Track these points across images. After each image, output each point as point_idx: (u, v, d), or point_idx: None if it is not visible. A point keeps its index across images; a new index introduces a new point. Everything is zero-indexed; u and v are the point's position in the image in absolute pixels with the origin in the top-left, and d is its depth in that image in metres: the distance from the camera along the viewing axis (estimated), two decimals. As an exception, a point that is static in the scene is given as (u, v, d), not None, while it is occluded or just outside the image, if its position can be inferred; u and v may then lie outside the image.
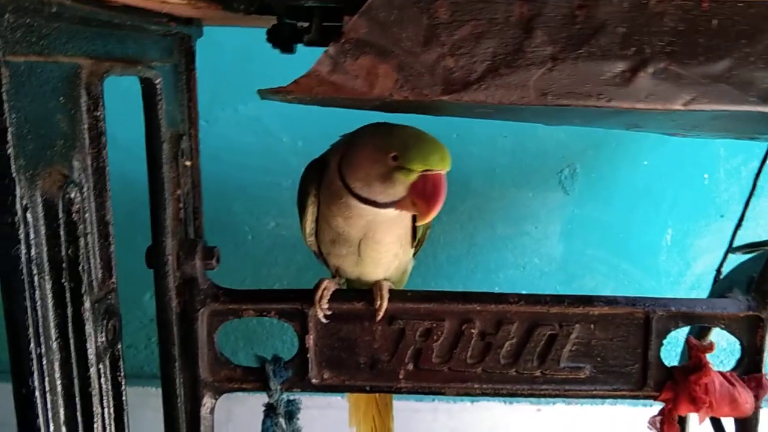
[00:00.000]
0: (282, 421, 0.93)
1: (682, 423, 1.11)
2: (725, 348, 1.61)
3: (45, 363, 0.53)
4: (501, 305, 0.90)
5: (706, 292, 1.24)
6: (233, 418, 1.59)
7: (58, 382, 0.56)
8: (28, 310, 0.51)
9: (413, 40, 0.60)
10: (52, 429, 0.55)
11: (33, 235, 0.51)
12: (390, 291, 0.90)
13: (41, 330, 0.53)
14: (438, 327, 0.90)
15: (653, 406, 0.95)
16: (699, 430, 1.03)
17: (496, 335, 0.90)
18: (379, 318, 0.90)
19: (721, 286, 1.16)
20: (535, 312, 0.90)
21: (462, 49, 0.60)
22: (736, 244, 1.23)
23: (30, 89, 0.50)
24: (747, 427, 0.94)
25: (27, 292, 0.51)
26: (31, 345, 0.52)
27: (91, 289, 0.60)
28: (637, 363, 0.91)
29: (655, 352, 0.91)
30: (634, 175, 1.60)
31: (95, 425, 0.61)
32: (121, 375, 0.67)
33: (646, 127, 0.96)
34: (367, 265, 0.92)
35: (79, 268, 0.57)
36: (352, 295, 0.92)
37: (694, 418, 0.97)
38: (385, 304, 0.89)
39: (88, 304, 0.58)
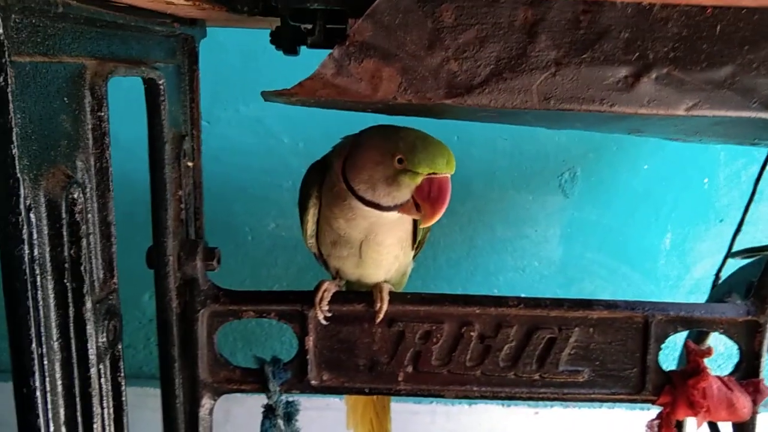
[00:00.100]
0: (281, 422, 0.94)
1: (680, 427, 1.12)
2: (723, 352, 1.61)
3: (46, 363, 0.53)
4: (500, 308, 0.90)
5: (705, 296, 1.24)
6: (232, 419, 1.59)
7: (59, 382, 0.56)
8: (30, 310, 0.51)
9: (417, 44, 0.60)
10: (52, 429, 0.55)
11: (36, 235, 0.51)
12: (390, 293, 0.90)
13: (43, 330, 0.53)
14: (437, 329, 0.90)
15: (651, 410, 0.95)
16: (697, 434, 1.03)
17: (496, 338, 0.91)
18: (379, 320, 0.90)
19: (720, 290, 1.16)
20: (534, 315, 0.90)
21: (466, 53, 0.60)
22: (735, 248, 1.23)
23: (35, 89, 0.50)
24: (745, 432, 0.94)
25: (29, 291, 0.51)
26: (33, 345, 0.51)
27: (93, 290, 0.60)
28: (636, 367, 0.92)
29: (654, 357, 0.91)
30: (634, 179, 1.61)
31: (95, 425, 0.61)
32: (121, 375, 0.67)
33: (648, 132, 0.96)
34: (367, 267, 0.92)
35: (81, 268, 0.57)
36: (352, 296, 0.92)
37: (691, 422, 0.97)
38: (385, 306, 0.89)
39: (89, 305, 0.58)
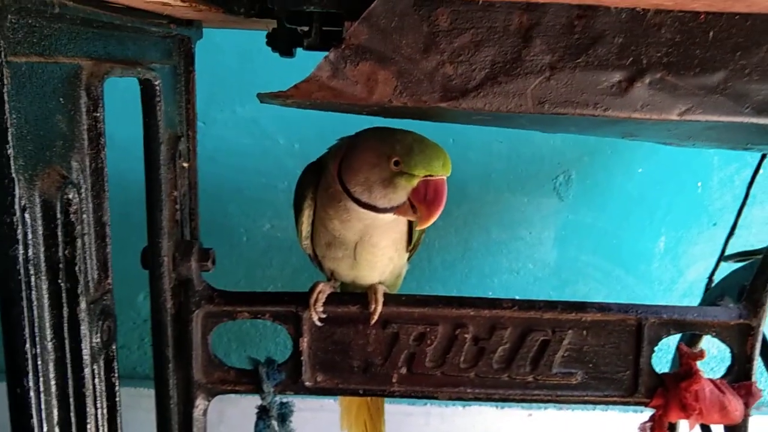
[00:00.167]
0: (275, 423, 0.94)
1: (673, 429, 1.12)
2: (716, 355, 1.62)
3: (40, 363, 0.53)
4: (494, 310, 0.91)
5: (698, 299, 1.24)
6: (226, 419, 1.59)
7: (53, 383, 0.56)
8: (24, 310, 0.51)
9: (413, 47, 0.60)
10: (46, 429, 0.55)
11: (31, 236, 0.51)
12: (384, 295, 0.91)
13: (37, 330, 0.53)
14: (432, 331, 0.91)
15: (644, 413, 0.95)
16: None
17: (490, 340, 0.91)
18: (373, 322, 0.90)
19: (713, 293, 1.17)
20: (528, 317, 0.91)
21: (461, 56, 0.61)
22: (728, 252, 1.23)
23: (30, 90, 0.50)
24: (736, 435, 0.95)
25: (24, 292, 0.51)
26: (27, 345, 0.52)
27: (87, 290, 0.60)
28: (629, 369, 0.92)
29: (647, 359, 0.92)
30: (628, 183, 1.61)
31: (88, 426, 0.61)
32: (115, 376, 0.67)
33: (641, 136, 0.96)
34: (362, 268, 0.92)
35: (76, 268, 0.57)
36: (347, 298, 0.93)
37: (684, 424, 0.97)
38: (379, 308, 0.89)
39: (83, 305, 0.58)
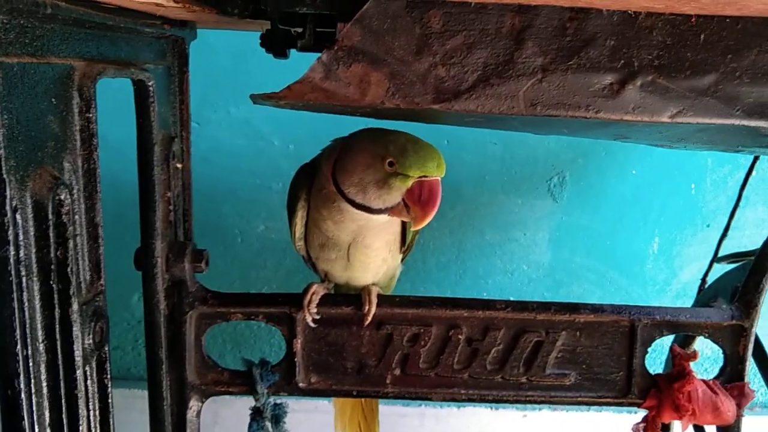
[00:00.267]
0: (268, 424, 0.93)
1: (666, 430, 1.13)
2: (709, 356, 1.63)
3: (31, 365, 0.53)
4: (488, 311, 0.91)
5: (692, 300, 1.25)
6: (219, 421, 1.58)
7: (44, 384, 0.56)
8: (16, 311, 0.51)
9: (405, 49, 0.60)
10: (37, 431, 0.54)
11: (22, 237, 0.51)
12: (378, 296, 0.91)
13: (28, 331, 0.52)
14: (425, 332, 0.91)
15: (637, 413, 0.96)
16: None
17: (483, 341, 0.91)
18: (367, 323, 0.90)
19: (706, 295, 1.18)
20: (522, 319, 0.91)
21: (453, 58, 0.61)
22: (721, 253, 1.24)
23: (22, 90, 0.50)
24: (729, 435, 0.95)
25: (15, 293, 0.51)
26: (18, 346, 0.51)
27: (80, 291, 0.60)
28: (622, 370, 0.92)
29: (640, 360, 0.92)
30: (622, 184, 1.62)
31: (81, 428, 0.61)
32: (108, 377, 0.66)
33: (633, 138, 0.97)
34: (356, 269, 0.92)
35: (68, 269, 0.57)
36: (341, 299, 0.93)
37: (677, 425, 0.98)
38: (373, 309, 0.89)
39: (75, 306, 0.58)
